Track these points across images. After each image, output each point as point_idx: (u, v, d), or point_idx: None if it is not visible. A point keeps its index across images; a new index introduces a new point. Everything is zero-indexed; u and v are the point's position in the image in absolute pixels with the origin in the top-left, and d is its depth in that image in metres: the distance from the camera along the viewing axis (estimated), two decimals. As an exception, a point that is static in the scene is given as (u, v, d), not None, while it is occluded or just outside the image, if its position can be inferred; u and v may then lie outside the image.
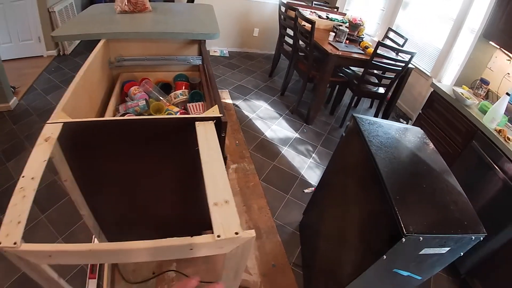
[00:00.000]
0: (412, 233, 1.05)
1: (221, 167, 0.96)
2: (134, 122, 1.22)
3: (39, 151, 1.02)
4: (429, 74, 3.92)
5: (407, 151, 1.52)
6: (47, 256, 0.78)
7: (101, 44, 1.89)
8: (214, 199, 0.86)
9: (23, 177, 0.92)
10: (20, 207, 0.83)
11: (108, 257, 0.80)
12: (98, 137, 1.24)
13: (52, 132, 1.10)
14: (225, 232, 0.78)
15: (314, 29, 3.29)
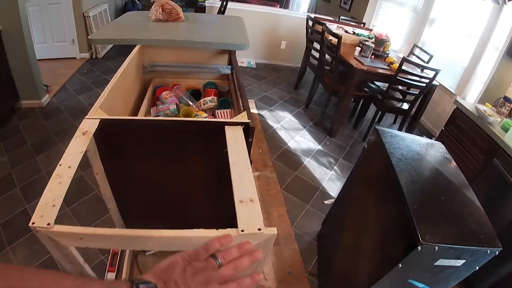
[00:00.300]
0: (428, 242, 1.07)
1: (247, 169, 1.02)
2: (167, 123, 1.30)
3: (77, 143, 1.09)
4: (454, 91, 3.90)
5: (428, 164, 1.55)
6: (78, 238, 0.83)
7: (136, 49, 1.97)
8: (240, 197, 0.91)
9: (60, 165, 0.98)
10: (55, 192, 0.89)
11: (136, 243, 0.85)
12: (131, 135, 1.32)
13: (90, 126, 1.17)
14: (249, 228, 0.82)
15: (340, 43, 3.34)
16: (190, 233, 0.82)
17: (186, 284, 0.54)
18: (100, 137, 1.24)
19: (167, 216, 1.70)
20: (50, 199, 0.87)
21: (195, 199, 1.64)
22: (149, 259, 2.09)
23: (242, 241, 0.69)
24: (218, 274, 0.58)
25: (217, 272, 0.58)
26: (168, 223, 0.83)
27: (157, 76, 2.22)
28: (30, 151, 3.00)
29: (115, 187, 1.53)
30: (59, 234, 0.82)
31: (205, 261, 0.59)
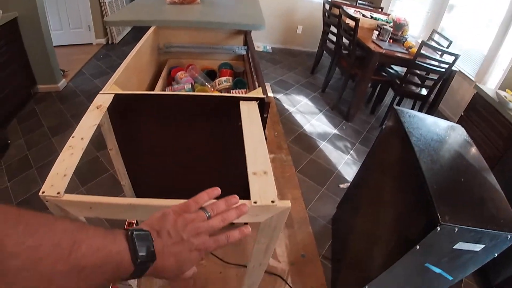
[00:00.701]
0: (447, 222, 1.04)
1: (261, 141, 1.00)
2: (182, 98, 1.28)
3: (90, 116, 1.08)
4: (473, 78, 3.80)
5: (447, 145, 1.50)
6: (88, 207, 0.83)
7: (151, 30, 1.97)
8: (254, 169, 0.89)
9: (73, 137, 0.98)
10: (67, 163, 0.89)
11: (146, 212, 0.85)
12: (146, 110, 1.31)
13: (104, 101, 1.16)
14: (262, 199, 0.81)
15: (358, 26, 3.29)
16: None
17: (178, 233, 0.57)
18: (114, 112, 1.24)
19: (181, 192, 1.70)
20: (61, 169, 0.87)
21: (210, 174, 1.64)
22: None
23: (239, 205, 0.70)
24: (207, 225, 0.61)
25: (207, 223, 0.61)
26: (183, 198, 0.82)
27: (173, 57, 2.21)
28: (47, 134, 3.04)
29: (128, 163, 1.53)
30: (69, 203, 0.82)
31: (195, 213, 0.62)
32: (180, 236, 0.57)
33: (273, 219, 0.87)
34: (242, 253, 2.08)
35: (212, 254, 2.04)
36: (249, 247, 2.12)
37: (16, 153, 2.79)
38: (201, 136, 1.43)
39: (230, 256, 2.05)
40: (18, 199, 2.35)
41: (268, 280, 1.95)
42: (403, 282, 1.44)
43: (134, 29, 5.92)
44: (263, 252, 1.09)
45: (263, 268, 1.26)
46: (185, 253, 0.57)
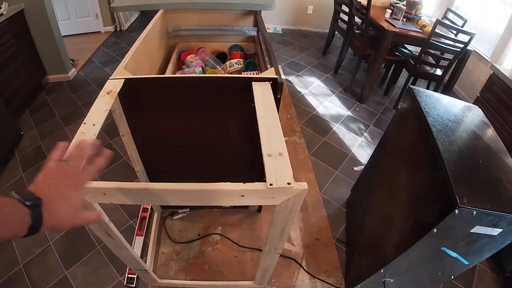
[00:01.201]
0: (466, 205, 1.01)
1: (276, 122, 0.98)
2: (193, 80, 1.26)
3: (101, 102, 1.07)
4: (489, 59, 3.68)
5: (464, 126, 1.46)
6: (101, 194, 0.82)
7: (159, 14, 1.94)
8: (268, 150, 0.87)
9: (85, 123, 0.96)
10: (78, 149, 0.87)
11: (161, 197, 0.83)
12: (157, 94, 1.30)
13: (114, 86, 1.15)
14: (278, 182, 0.79)
15: (370, 4, 3.21)
16: (215, 186, 0.80)
17: (64, 191, 0.61)
18: (125, 97, 1.23)
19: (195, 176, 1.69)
20: (72, 157, 0.85)
21: (223, 156, 1.63)
22: (177, 223, 2.11)
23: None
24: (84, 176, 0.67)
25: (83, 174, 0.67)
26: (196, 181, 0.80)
27: (182, 41, 2.18)
28: (59, 123, 3.06)
29: (141, 148, 1.52)
30: (82, 189, 0.81)
31: (71, 167, 0.66)
32: (65, 194, 0.62)
33: (289, 201, 0.85)
34: (257, 237, 2.09)
35: (227, 238, 2.05)
36: (264, 232, 2.12)
37: (30, 144, 2.82)
38: (214, 118, 1.41)
39: (245, 240, 2.06)
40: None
41: (282, 263, 1.95)
42: (418, 266, 1.43)
43: (142, 15, 5.91)
44: (279, 235, 1.08)
45: (279, 252, 1.25)
46: (68, 189, 0.62)
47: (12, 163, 2.61)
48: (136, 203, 0.87)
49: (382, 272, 1.48)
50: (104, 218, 0.97)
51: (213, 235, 2.08)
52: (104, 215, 0.96)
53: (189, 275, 1.87)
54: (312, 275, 1.94)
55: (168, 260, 1.94)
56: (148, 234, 2.06)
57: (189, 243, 2.03)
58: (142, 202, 0.99)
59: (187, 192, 0.80)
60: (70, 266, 1.92)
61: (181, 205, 2.07)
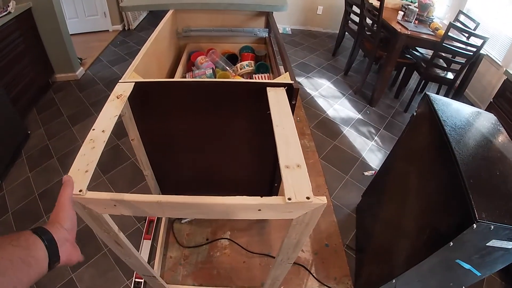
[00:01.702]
0: (484, 219, 0.98)
1: (293, 132, 0.94)
2: (205, 84, 1.23)
3: (111, 107, 1.04)
4: (500, 63, 3.63)
5: (481, 135, 1.42)
6: (112, 205, 0.79)
7: (169, 14, 1.92)
8: (286, 162, 0.84)
9: (94, 129, 0.94)
10: (88, 157, 0.85)
11: (174, 210, 0.81)
12: (168, 98, 1.27)
13: (124, 90, 1.12)
14: (296, 196, 0.76)
15: (383, 6, 3.17)
16: (231, 200, 0.76)
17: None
18: (135, 101, 1.20)
19: (204, 182, 1.67)
20: (82, 165, 0.83)
21: (234, 164, 1.60)
22: (185, 227, 2.09)
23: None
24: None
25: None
26: (205, 189, 0.77)
27: (192, 42, 2.16)
28: (66, 123, 3.05)
29: (151, 153, 1.50)
30: (92, 201, 0.79)
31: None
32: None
33: (307, 215, 0.82)
34: (266, 243, 2.06)
35: (235, 243, 2.03)
36: (273, 237, 2.10)
37: (37, 143, 2.81)
38: (226, 125, 1.38)
39: (254, 246, 2.03)
40: (40, 189, 2.36)
41: (291, 269, 1.92)
42: (430, 276, 1.39)
43: (150, 14, 5.90)
44: (293, 247, 1.05)
45: (291, 262, 1.22)
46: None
47: (19, 162, 2.60)
48: (148, 215, 0.84)
49: (393, 282, 1.45)
50: (114, 227, 0.94)
51: (222, 239, 2.06)
52: (113, 225, 0.94)
53: (197, 280, 1.85)
54: (321, 282, 1.91)
55: (176, 264, 1.91)
56: (155, 237, 2.04)
57: (197, 248, 2.00)
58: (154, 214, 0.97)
59: (202, 206, 0.77)
60: (76, 269, 1.90)
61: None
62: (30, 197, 2.31)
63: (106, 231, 0.95)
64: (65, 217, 0.69)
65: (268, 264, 1.95)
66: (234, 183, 1.71)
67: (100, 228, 0.93)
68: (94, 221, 0.89)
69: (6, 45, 2.77)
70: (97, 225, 0.91)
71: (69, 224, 0.68)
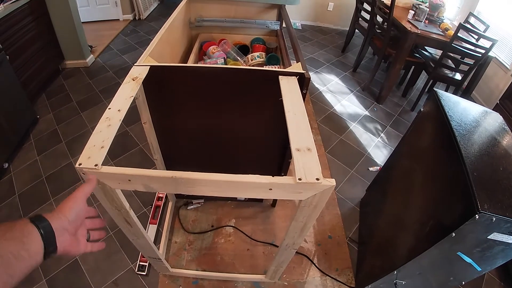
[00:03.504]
0: (486, 211, 1.00)
1: (304, 117, 0.96)
2: (219, 70, 1.25)
3: (127, 88, 1.07)
4: (508, 66, 3.62)
5: (486, 132, 1.44)
6: (126, 180, 0.81)
7: (183, 3, 1.94)
8: (297, 145, 0.86)
9: (110, 108, 0.96)
10: (104, 134, 0.87)
11: (187, 186, 0.83)
12: (181, 83, 1.29)
13: (140, 73, 1.15)
14: (307, 176, 0.78)
15: (394, 4, 3.18)
16: (244, 178, 0.79)
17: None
18: (149, 84, 1.23)
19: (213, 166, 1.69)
20: (98, 141, 0.85)
21: (243, 150, 1.62)
22: (191, 213, 2.12)
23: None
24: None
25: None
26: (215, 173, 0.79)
27: (204, 32, 2.18)
28: (76, 108, 3.08)
29: (162, 137, 1.52)
30: (107, 175, 0.81)
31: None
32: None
33: (316, 197, 0.84)
34: (270, 232, 2.09)
35: (240, 231, 2.05)
36: (277, 226, 2.13)
37: (45, 127, 2.84)
38: (238, 110, 1.40)
39: (258, 234, 2.06)
40: (47, 172, 2.39)
41: (294, 259, 1.95)
42: (431, 269, 1.41)
43: (161, 4, 5.92)
44: (300, 230, 1.07)
45: (296, 248, 1.25)
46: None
47: (27, 146, 2.64)
48: (161, 191, 0.87)
49: (395, 273, 1.47)
50: (125, 204, 0.97)
51: (227, 227, 2.09)
52: (125, 201, 0.96)
53: (200, 266, 1.88)
54: (323, 272, 1.93)
55: (180, 249, 1.94)
56: (161, 223, 2.07)
57: (202, 234, 2.03)
58: (167, 190, 0.99)
59: (215, 183, 0.80)
60: (81, 251, 1.92)
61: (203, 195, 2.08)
62: (37, 180, 2.34)
63: (117, 208, 0.98)
64: (71, 207, 0.68)
65: (272, 253, 1.98)
66: (243, 168, 1.72)
67: (111, 205, 0.96)
68: (106, 197, 0.91)
69: (18, 30, 2.79)
70: (109, 202, 0.94)
71: (73, 216, 0.67)
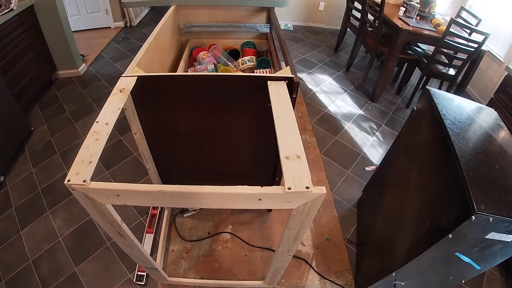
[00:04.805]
0: (483, 211, 0.99)
1: (293, 124, 0.95)
2: (207, 78, 1.24)
3: (114, 100, 1.06)
4: (502, 59, 3.62)
5: (481, 129, 1.43)
6: (115, 195, 0.81)
7: (171, 10, 1.93)
8: (286, 153, 0.85)
9: (97, 122, 0.95)
10: (92, 149, 0.86)
11: (176, 200, 0.82)
12: (170, 92, 1.29)
13: (127, 84, 1.14)
14: (296, 186, 0.77)
15: (384, 2, 3.18)
16: (234, 190, 0.78)
17: None
18: (137, 95, 1.22)
19: (206, 175, 1.68)
20: (86, 156, 0.85)
21: (235, 157, 1.62)
22: (188, 221, 2.11)
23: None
24: None
25: None
26: (207, 182, 0.78)
27: (194, 37, 2.17)
28: (69, 119, 3.07)
29: (153, 147, 1.52)
30: (96, 191, 0.80)
31: None
32: None
33: (307, 205, 0.83)
34: (267, 237, 2.08)
35: (237, 237, 2.04)
36: (274, 231, 2.11)
37: (40, 139, 2.83)
38: (227, 117, 1.39)
39: (255, 240, 2.05)
40: (43, 184, 2.37)
41: (292, 263, 1.94)
42: (430, 269, 1.41)
43: (152, 10, 5.91)
44: (293, 238, 1.07)
45: (291, 254, 1.24)
46: None
47: (22, 158, 2.62)
48: (150, 205, 0.86)
49: (393, 275, 1.46)
50: (117, 218, 0.96)
51: (223, 233, 2.07)
52: (116, 215, 0.95)
53: (198, 274, 1.86)
54: (322, 276, 1.92)
55: (178, 258, 1.93)
56: (158, 231, 2.05)
57: (199, 241, 2.02)
58: (156, 204, 0.98)
59: (203, 195, 0.79)
60: (79, 263, 1.91)
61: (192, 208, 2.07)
62: (33, 192, 2.33)
63: (109, 222, 0.97)
64: None
65: (269, 258, 1.96)
66: (236, 175, 1.72)
67: (103, 219, 0.95)
68: (97, 212, 0.90)
69: (9, 42, 2.79)
70: (100, 216, 0.93)
71: None
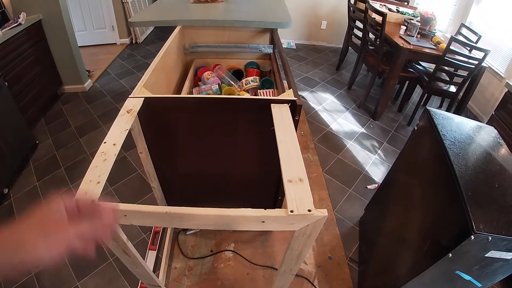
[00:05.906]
0: (482, 231, 1.01)
1: (296, 147, 0.98)
2: (211, 100, 1.27)
3: (121, 121, 1.08)
4: (503, 75, 3.65)
5: (480, 149, 1.45)
6: (122, 215, 0.82)
7: (177, 30, 1.97)
8: (289, 176, 0.87)
9: (105, 142, 0.98)
10: (100, 169, 0.89)
11: (182, 221, 0.84)
12: (176, 113, 1.31)
13: (134, 105, 1.17)
14: (298, 208, 0.79)
15: (385, 21, 3.22)
16: (237, 212, 0.79)
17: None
18: (144, 115, 1.24)
19: (209, 194, 1.69)
20: (94, 176, 0.87)
21: (239, 177, 1.63)
22: (190, 238, 2.12)
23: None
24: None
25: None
26: (210, 201, 0.80)
27: (198, 57, 2.21)
28: (74, 134, 3.10)
29: (158, 166, 1.54)
30: (103, 211, 0.82)
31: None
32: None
33: (309, 227, 0.85)
34: (270, 255, 2.08)
35: (239, 255, 2.05)
36: (276, 249, 2.12)
37: (45, 153, 2.86)
38: (232, 139, 1.42)
39: (257, 258, 2.05)
40: (47, 198, 2.38)
41: (294, 282, 1.92)
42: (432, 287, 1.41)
43: (157, 28, 5.98)
44: (296, 258, 1.08)
45: (293, 273, 1.25)
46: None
47: (26, 172, 2.65)
48: (156, 225, 0.88)
49: (395, 294, 1.47)
50: (123, 237, 0.97)
51: (226, 251, 2.08)
52: (122, 234, 0.97)
53: (201, 291, 1.87)
54: (324, 295, 1.92)
55: (180, 275, 1.94)
56: (161, 248, 2.06)
57: (202, 259, 2.02)
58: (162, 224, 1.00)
59: (208, 217, 0.81)
60: (82, 277, 1.92)
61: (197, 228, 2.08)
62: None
63: (115, 240, 0.98)
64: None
65: (272, 276, 1.96)
66: (239, 195, 1.74)
67: (109, 238, 0.96)
68: (104, 232, 0.92)
69: (16, 56, 2.84)
70: (106, 236, 0.95)
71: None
